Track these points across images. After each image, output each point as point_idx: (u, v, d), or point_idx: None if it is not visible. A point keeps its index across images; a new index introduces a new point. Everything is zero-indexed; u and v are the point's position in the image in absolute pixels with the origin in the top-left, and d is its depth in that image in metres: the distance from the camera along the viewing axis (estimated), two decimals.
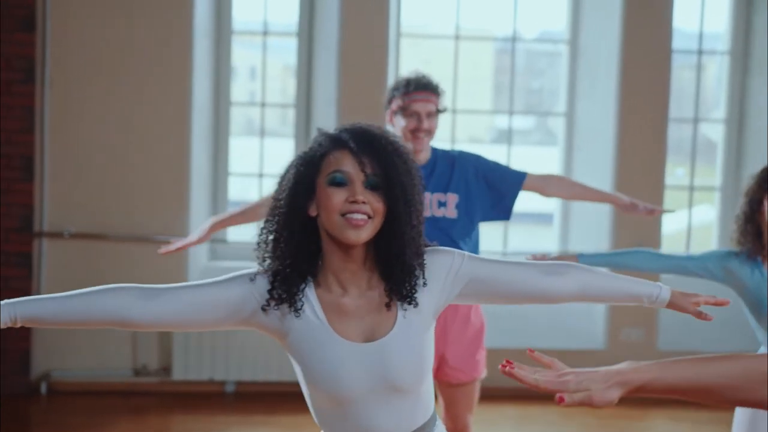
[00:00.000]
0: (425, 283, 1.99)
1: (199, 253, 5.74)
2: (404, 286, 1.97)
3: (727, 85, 6.18)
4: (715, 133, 6.36)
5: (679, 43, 6.09)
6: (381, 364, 1.96)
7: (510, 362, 1.59)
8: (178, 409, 5.38)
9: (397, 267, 1.96)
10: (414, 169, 2.00)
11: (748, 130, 6.14)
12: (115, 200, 5.56)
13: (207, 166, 5.89)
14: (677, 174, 6.69)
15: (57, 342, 5.56)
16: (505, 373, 1.59)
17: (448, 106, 3.93)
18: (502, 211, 3.68)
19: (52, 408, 5.39)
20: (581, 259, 3.26)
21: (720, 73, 6.33)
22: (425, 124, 3.56)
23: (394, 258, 1.96)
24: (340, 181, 1.94)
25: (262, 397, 5.56)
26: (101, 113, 5.52)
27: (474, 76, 6.66)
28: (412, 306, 1.98)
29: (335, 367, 1.95)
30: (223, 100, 5.95)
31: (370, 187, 1.94)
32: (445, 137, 5.90)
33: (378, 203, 1.94)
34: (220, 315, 1.99)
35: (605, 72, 5.85)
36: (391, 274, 1.97)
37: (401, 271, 1.97)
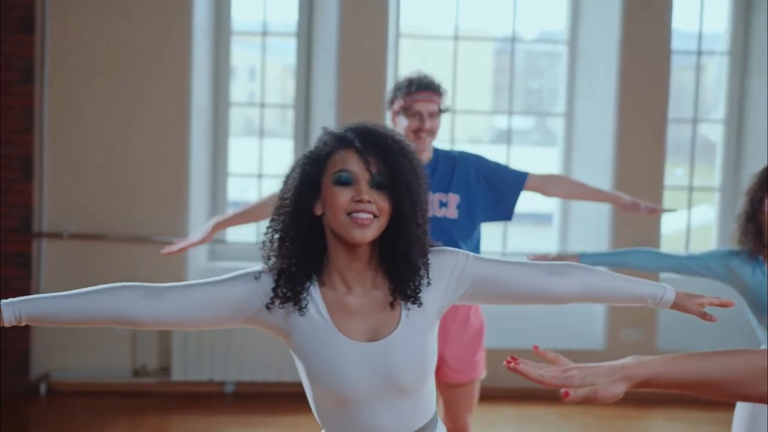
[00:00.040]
0: (429, 283, 1.99)
1: (199, 253, 5.74)
2: (409, 286, 1.97)
3: (727, 86, 6.18)
4: (715, 133, 6.36)
5: (678, 43, 6.09)
6: (384, 363, 1.96)
7: (515, 358, 1.59)
8: (178, 410, 5.38)
9: (403, 266, 1.96)
10: (419, 169, 2.01)
11: (748, 130, 6.14)
12: (115, 201, 5.56)
13: (206, 166, 5.89)
14: (676, 174, 6.69)
15: (56, 342, 5.56)
16: (510, 369, 1.59)
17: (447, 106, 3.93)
18: (504, 212, 3.68)
19: (51, 408, 5.39)
20: (582, 259, 3.26)
21: (719, 74, 6.33)
22: (427, 124, 3.56)
23: (400, 257, 1.96)
24: (345, 181, 1.95)
25: (262, 398, 5.56)
26: (100, 114, 5.52)
27: (473, 77, 6.66)
28: (416, 305, 1.98)
29: (338, 366, 1.95)
30: (223, 101, 5.95)
31: (376, 186, 1.95)
32: (444, 138, 5.90)
33: (383, 202, 1.94)
34: (224, 313, 1.99)
35: (604, 72, 5.85)
36: (396, 274, 1.97)
37: (406, 270, 1.97)
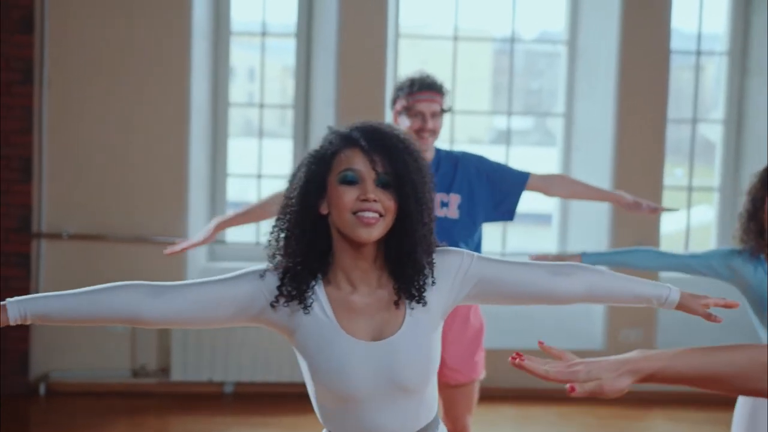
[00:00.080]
0: (434, 282, 1.99)
1: (198, 254, 5.74)
2: (414, 285, 1.97)
3: (726, 86, 6.18)
4: (714, 133, 6.37)
5: (677, 43, 6.10)
6: (388, 363, 1.96)
7: (520, 355, 1.59)
8: (177, 410, 5.38)
9: (408, 265, 1.96)
10: (425, 168, 2.00)
11: (747, 130, 6.15)
12: (114, 201, 5.55)
13: (205, 166, 5.88)
14: (676, 174, 6.69)
15: (56, 343, 5.55)
16: (515, 365, 1.59)
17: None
18: (506, 212, 3.68)
19: (50, 408, 5.38)
20: (584, 258, 3.26)
21: (718, 74, 6.33)
22: (430, 124, 3.56)
23: (405, 256, 1.96)
24: (351, 180, 1.94)
25: (261, 398, 5.56)
26: (100, 114, 5.52)
27: (473, 77, 6.66)
28: (421, 305, 1.98)
29: (342, 365, 1.95)
30: (222, 101, 5.94)
31: (382, 185, 1.94)
32: (444, 138, 5.89)
33: (389, 201, 1.94)
34: (229, 312, 1.99)
35: (604, 73, 5.85)
36: (402, 273, 1.97)
37: (412, 270, 1.96)
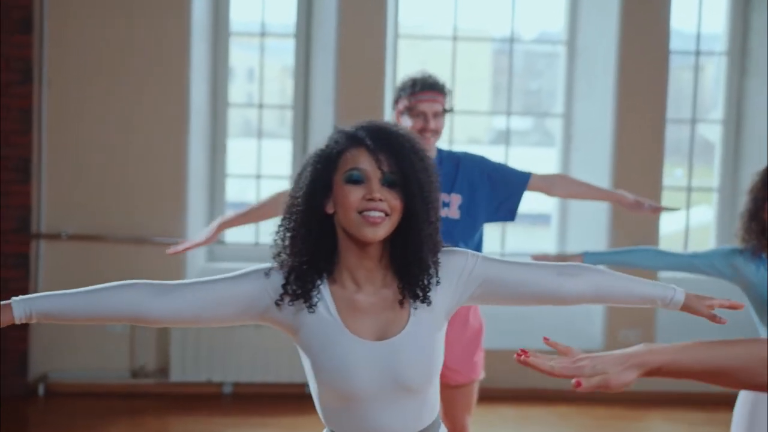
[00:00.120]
0: (439, 282, 1.99)
1: (198, 254, 5.74)
2: (419, 284, 1.97)
3: (725, 86, 6.18)
4: (713, 133, 6.37)
5: (676, 43, 6.10)
6: (391, 362, 1.95)
7: (525, 351, 1.60)
8: (176, 411, 5.38)
9: (414, 264, 1.96)
10: (431, 167, 2.00)
11: (746, 131, 6.15)
12: (113, 201, 5.55)
13: (205, 167, 5.88)
14: (675, 175, 6.69)
15: (54, 343, 5.55)
16: (521, 362, 1.60)
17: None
18: (507, 212, 3.68)
19: (49, 409, 5.38)
20: (586, 258, 3.25)
21: (718, 74, 6.33)
22: (432, 124, 3.55)
23: (411, 255, 1.96)
24: (357, 179, 1.94)
25: (260, 399, 5.55)
26: (99, 114, 5.51)
27: (472, 77, 6.66)
28: (426, 305, 1.98)
29: (345, 364, 1.94)
30: (221, 102, 5.94)
31: (387, 184, 1.94)
32: (443, 138, 5.88)
33: (395, 200, 1.94)
34: (234, 310, 1.98)
35: (603, 73, 5.85)
36: (407, 272, 1.97)
37: (417, 269, 1.96)
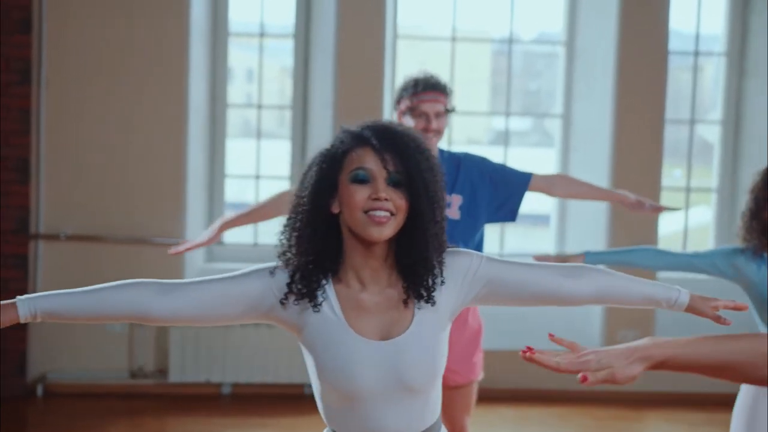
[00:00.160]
0: (443, 282, 1.99)
1: (196, 254, 5.73)
2: (423, 284, 1.97)
3: (724, 87, 6.18)
4: (712, 134, 6.37)
5: (675, 44, 6.10)
6: (395, 362, 1.95)
7: (530, 348, 1.62)
8: (175, 411, 5.38)
9: (419, 264, 1.96)
10: (436, 166, 2.00)
11: (745, 131, 6.15)
12: (111, 202, 5.55)
13: (203, 167, 5.88)
14: (674, 175, 6.69)
15: (53, 344, 5.55)
16: (526, 359, 1.61)
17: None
18: (508, 213, 3.68)
19: (48, 410, 5.38)
20: (587, 257, 3.25)
21: (717, 75, 6.33)
22: (434, 125, 3.55)
23: (417, 255, 1.96)
24: (362, 179, 1.94)
25: (259, 399, 5.55)
26: (97, 115, 5.51)
27: (471, 78, 6.66)
28: (430, 305, 1.98)
29: (349, 364, 1.94)
30: (220, 102, 5.94)
31: (393, 184, 1.94)
32: (442, 139, 5.89)
33: (400, 200, 1.94)
34: (239, 309, 1.99)
35: (602, 73, 5.85)
36: (412, 272, 1.97)
37: (422, 268, 1.96)
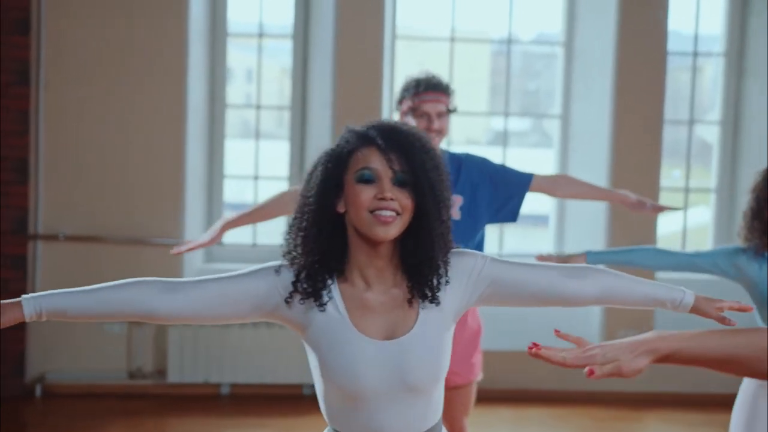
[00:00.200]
0: (448, 282, 1.99)
1: (195, 254, 5.73)
2: (428, 284, 1.97)
3: (723, 87, 6.18)
4: (711, 134, 6.37)
5: (674, 45, 6.10)
6: (399, 362, 1.95)
7: (536, 344, 1.63)
8: (174, 412, 5.38)
9: (424, 264, 1.96)
10: (441, 166, 2.00)
11: (744, 131, 6.15)
12: (110, 203, 5.55)
13: (202, 168, 5.88)
14: (673, 176, 6.69)
15: (52, 344, 5.55)
16: (532, 355, 1.62)
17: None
18: (509, 213, 3.68)
19: (47, 410, 5.38)
20: (588, 257, 3.24)
21: (715, 75, 6.33)
22: (436, 125, 3.55)
23: (422, 254, 1.96)
24: (368, 178, 1.94)
25: (258, 400, 5.55)
26: (96, 115, 5.51)
27: (470, 78, 6.65)
28: (435, 305, 1.98)
29: (353, 363, 1.94)
30: (219, 103, 5.94)
31: (399, 183, 1.94)
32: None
33: (406, 200, 1.94)
34: (244, 308, 1.99)
35: (600, 74, 5.85)
36: (417, 271, 1.97)
37: (428, 268, 1.96)
